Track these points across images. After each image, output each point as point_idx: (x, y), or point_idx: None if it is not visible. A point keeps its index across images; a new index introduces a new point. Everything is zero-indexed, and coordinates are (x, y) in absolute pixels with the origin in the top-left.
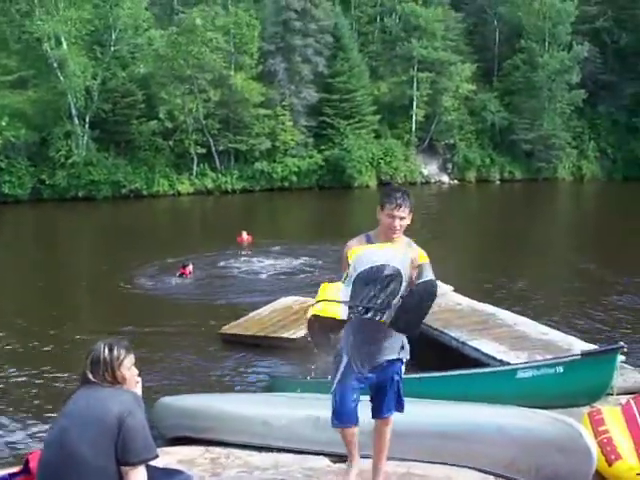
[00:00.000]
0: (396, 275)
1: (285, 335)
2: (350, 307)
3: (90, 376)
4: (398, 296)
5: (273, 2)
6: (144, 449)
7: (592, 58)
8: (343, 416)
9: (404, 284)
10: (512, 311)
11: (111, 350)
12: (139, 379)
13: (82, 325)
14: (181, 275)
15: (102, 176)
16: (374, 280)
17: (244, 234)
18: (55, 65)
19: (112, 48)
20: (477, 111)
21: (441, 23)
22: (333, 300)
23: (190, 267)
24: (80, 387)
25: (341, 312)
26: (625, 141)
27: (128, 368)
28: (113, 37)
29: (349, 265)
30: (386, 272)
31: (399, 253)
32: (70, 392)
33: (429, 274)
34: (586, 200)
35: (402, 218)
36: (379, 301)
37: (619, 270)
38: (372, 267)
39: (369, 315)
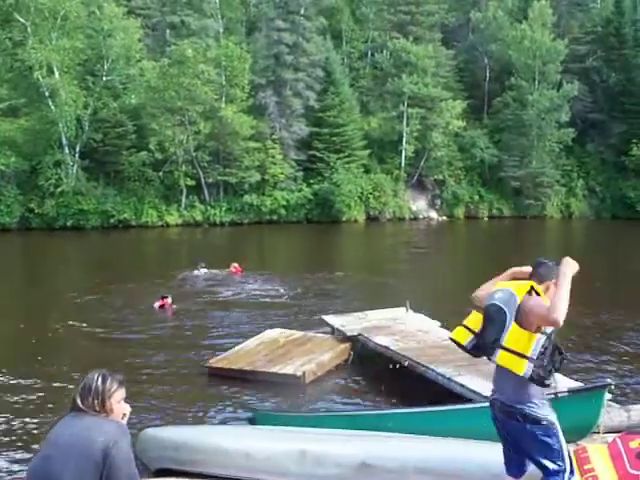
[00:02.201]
0: None
1: (273, 370)
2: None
3: (79, 402)
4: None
5: (265, 36)
6: None
7: (581, 97)
8: None
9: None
10: None
11: (104, 381)
12: (127, 413)
13: (64, 356)
14: (162, 307)
15: (91, 206)
16: None
17: (235, 266)
18: (47, 94)
19: (104, 78)
20: (466, 148)
21: (432, 60)
22: None
23: (169, 299)
24: (67, 414)
25: None
26: (614, 180)
27: (117, 401)
28: (105, 67)
29: None
30: None
31: None
32: (53, 421)
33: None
34: (574, 238)
35: None
36: None
37: (606, 308)
38: None
39: None
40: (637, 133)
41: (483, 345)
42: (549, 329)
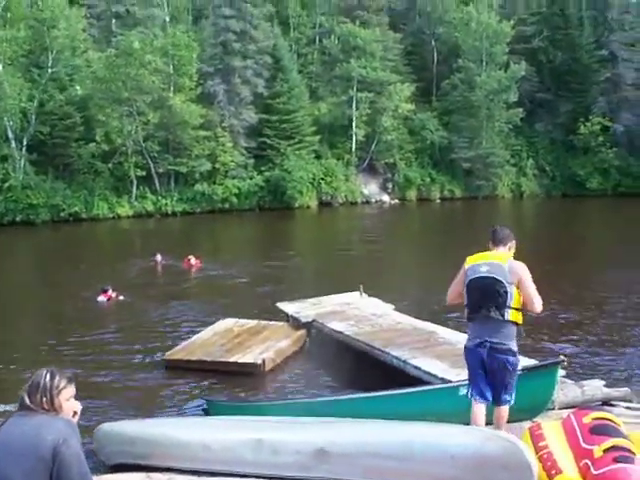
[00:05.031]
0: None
1: (232, 359)
2: None
3: (27, 401)
4: None
5: (212, 24)
6: (79, 478)
7: (529, 77)
8: None
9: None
10: (453, 329)
11: (52, 377)
12: (78, 411)
13: (11, 355)
14: (108, 299)
15: (40, 200)
16: None
17: (192, 258)
18: None
19: (49, 70)
20: (417, 130)
21: (379, 43)
22: None
23: (110, 290)
24: (15, 413)
25: None
26: (563, 158)
27: (67, 399)
28: (50, 58)
29: None
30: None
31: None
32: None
33: None
34: (525, 217)
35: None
36: None
37: (556, 284)
38: None
39: None
40: (584, 112)
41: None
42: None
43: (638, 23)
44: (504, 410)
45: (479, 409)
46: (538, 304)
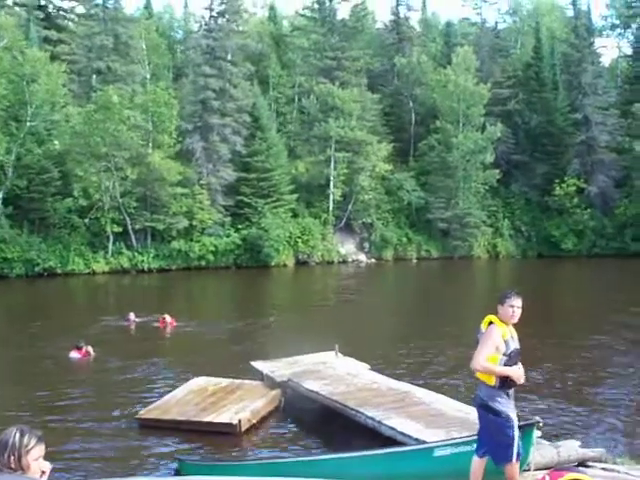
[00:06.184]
0: None
1: (207, 419)
2: None
3: None
4: None
5: (192, 81)
6: None
7: (505, 139)
8: None
9: None
10: (428, 389)
11: (22, 436)
12: (47, 471)
13: None
14: (82, 356)
15: (15, 254)
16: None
17: (167, 317)
18: None
19: (28, 124)
20: (394, 190)
21: (357, 104)
22: None
23: (84, 348)
24: None
25: None
26: (538, 219)
27: (35, 458)
28: (29, 113)
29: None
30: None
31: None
32: None
33: None
34: (500, 278)
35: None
36: None
37: (530, 345)
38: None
39: None
40: (558, 173)
41: None
42: (509, 350)
43: (610, 88)
44: (510, 467)
45: (473, 463)
46: (473, 361)
